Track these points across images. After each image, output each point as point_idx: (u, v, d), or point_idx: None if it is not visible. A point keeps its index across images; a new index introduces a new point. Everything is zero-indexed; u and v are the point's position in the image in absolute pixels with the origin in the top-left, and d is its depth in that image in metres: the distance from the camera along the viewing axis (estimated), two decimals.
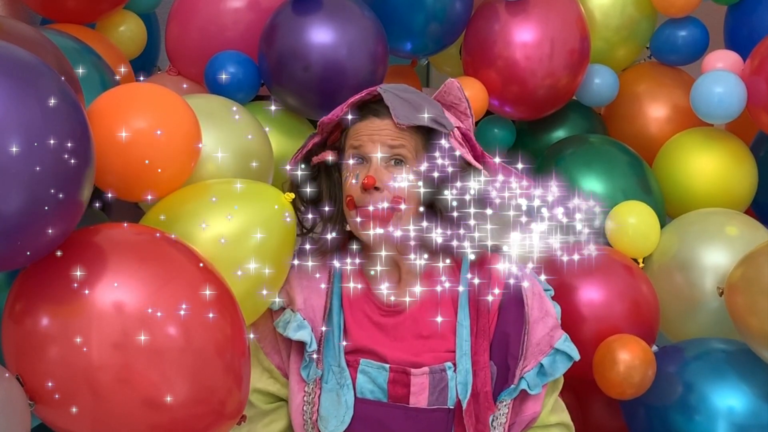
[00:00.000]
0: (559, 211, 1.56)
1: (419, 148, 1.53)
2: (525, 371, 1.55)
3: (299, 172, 1.59)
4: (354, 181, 1.51)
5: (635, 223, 2.09)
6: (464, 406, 1.50)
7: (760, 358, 1.82)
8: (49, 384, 1.15)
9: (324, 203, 1.58)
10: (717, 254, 2.02)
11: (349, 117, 1.55)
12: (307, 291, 1.58)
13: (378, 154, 1.50)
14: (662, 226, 2.17)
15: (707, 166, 2.21)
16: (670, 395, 1.89)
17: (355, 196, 1.50)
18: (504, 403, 1.54)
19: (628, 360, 1.84)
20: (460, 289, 1.57)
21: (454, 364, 1.53)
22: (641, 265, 2.12)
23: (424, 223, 1.58)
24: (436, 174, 1.52)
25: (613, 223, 2.10)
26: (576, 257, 2.04)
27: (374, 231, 1.49)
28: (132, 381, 1.14)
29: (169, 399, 1.17)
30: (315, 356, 1.53)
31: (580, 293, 1.97)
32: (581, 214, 1.58)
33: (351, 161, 1.53)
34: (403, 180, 1.50)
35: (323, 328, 1.55)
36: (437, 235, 1.54)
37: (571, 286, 1.97)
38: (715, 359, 1.90)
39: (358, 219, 1.51)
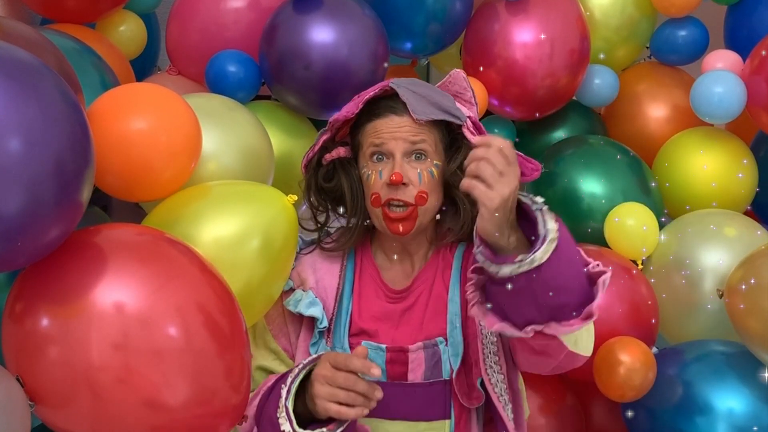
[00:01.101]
0: None
1: (437, 140, 1.55)
2: None
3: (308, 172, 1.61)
4: (379, 177, 1.52)
5: (634, 224, 2.09)
6: (455, 375, 1.51)
7: (759, 360, 1.82)
8: (49, 385, 1.15)
9: (344, 199, 1.60)
10: (716, 255, 2.01)
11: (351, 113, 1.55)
12: (320, 272, 1.61)
13: (401, 151, 1.51)
14: (661, 227, 2.16)
15: (707, 165, 2.21)
16: (670, 397, 1.89)
17: (381, 193, 1.52)
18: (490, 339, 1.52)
19: (629, 362, 1.84)
20: (453, 268, 1.58)
21: (446, 338, 1.54)
22: (640, 266, 2.12)
23: (439, 215, 1.60)
24: (453, 164, 1.54)
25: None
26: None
27: (402, 230, 1.51)
28: (132, 382, 1.14)
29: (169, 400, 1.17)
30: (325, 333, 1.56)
31: None
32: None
33: (372, 158, 1.54)
34: (427, 174, 1.52)
35: (334, 310, 1.57)
36: (458, 223, 1.56)
37: None
38: (714, 361, 1.90)
39: (384, 221, 1.53)
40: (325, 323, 1.55)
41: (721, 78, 2.06)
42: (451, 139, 1.58)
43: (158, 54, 2.42)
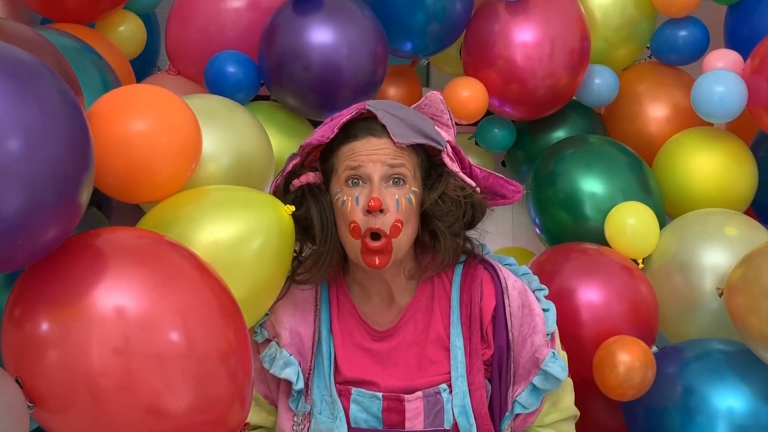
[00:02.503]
0: None
1: (416, 166, 1.49)
2: (516, 395, 1.53)
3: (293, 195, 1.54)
4: (356, 204, 1.44)
5: (634, 223, 2.09)
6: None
7: (759, 359, 1.81)
8: (49, 389, 1.15)
9: (314, 227, 1.50)
10: (716, 255, 2.01)
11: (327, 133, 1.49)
12: (293, 320, 1.55)
13: (379, 175, 1.44)
14: (662, 226, 2.16)
15: (707, 165, 2.21)
16: (669, 396, 1.89)
17: (359, 222, 1.44)
18: (506, 429, 1.54)
19: (628, 361, 1.84)
20: (452, 307, 1.54)
21: (449, 386, 1.50)
22: (641, 265, 2.12)
23: (419, 241, 1.54)
24: (434, 193, 1.48)
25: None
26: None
27: (378, 264, 1.44)
28: (133, 387, 1.13)
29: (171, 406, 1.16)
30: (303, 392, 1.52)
31: (580, 294, 1.97)
32: None
33: (347, 183, 1.47)
34: (405, 201, 1.45)
35: (312, 360, 1.52)
36: (434, 252, 1.52)
37: (571, 287, 1.96)
38: (714, 360, 1.90)
39: (360, 253, 1.45)
40: (301, 385, 1.51)
41: (722, 77, 2.06)
42: (429, 166, 1.52)
43: (158, 54, 2.42)
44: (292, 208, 1.47)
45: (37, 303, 1.16)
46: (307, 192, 1.51)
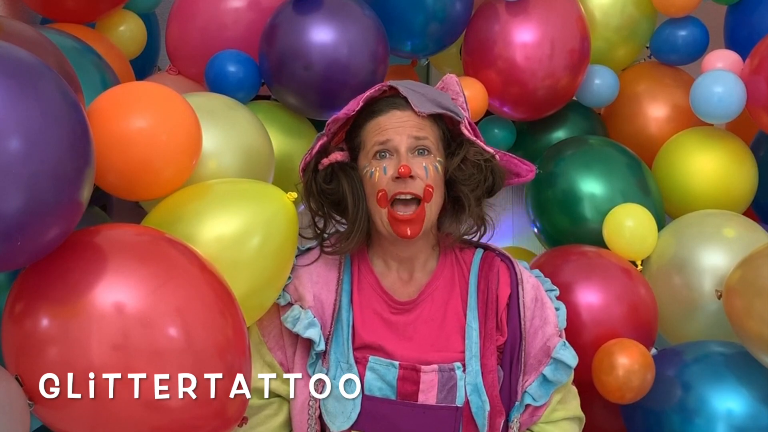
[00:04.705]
0: None
1: (438, 138, 1.56)
2: (527, 385, 1.57)
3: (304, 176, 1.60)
4: (383, 173, 1.51)
5: (632, 225, 2.08)
6: (484, 410, 1.51)
7: (758, 361, 1.81)
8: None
9: (344, 202, 1.58)
10: (715, 256, 2.01)
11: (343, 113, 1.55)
12: (317, 287, 1.58)
13: (405, 146, 1.51)
14: (662, 227, 2.16)
15: (707, 166, 2.21)
16: (669, 398, 1.89)
17: (387, 188, 1.51)
18: (515, 421, 1.57)
19: (627, 364, 1.84)
20: (470, 291, 1.59)
21: (463, 365, 1.53)
22: (639, 267, 2.11)
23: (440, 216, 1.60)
24: (456, 159, 1.55)
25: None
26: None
27: (410, 233, 1.51)
28: (132, 382, 1.14)
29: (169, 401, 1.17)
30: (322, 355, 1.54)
31: (579, 297, 1.97)
32: None
33: (375, 156, 1.53)
34: (432, 168, 1.52)
35: (331, 326, 1.55)
36: (459, 228, 1.58)
37: (570, 289, 1.96)
38: (713, 362, 1.89)
39: (390, 224, 1.52)
40: (322, 347, 1.53)
41: (721, 78, 2.06)
42: (450, 138, 1.59)
43: (158, 54, 2.42)
44: (294, 195, 1.52)
45: (38, 299, 1.17)
46: (338, 169, 1.58)
